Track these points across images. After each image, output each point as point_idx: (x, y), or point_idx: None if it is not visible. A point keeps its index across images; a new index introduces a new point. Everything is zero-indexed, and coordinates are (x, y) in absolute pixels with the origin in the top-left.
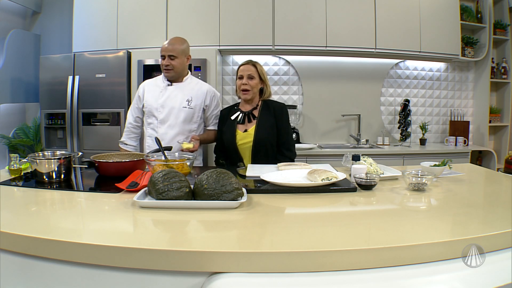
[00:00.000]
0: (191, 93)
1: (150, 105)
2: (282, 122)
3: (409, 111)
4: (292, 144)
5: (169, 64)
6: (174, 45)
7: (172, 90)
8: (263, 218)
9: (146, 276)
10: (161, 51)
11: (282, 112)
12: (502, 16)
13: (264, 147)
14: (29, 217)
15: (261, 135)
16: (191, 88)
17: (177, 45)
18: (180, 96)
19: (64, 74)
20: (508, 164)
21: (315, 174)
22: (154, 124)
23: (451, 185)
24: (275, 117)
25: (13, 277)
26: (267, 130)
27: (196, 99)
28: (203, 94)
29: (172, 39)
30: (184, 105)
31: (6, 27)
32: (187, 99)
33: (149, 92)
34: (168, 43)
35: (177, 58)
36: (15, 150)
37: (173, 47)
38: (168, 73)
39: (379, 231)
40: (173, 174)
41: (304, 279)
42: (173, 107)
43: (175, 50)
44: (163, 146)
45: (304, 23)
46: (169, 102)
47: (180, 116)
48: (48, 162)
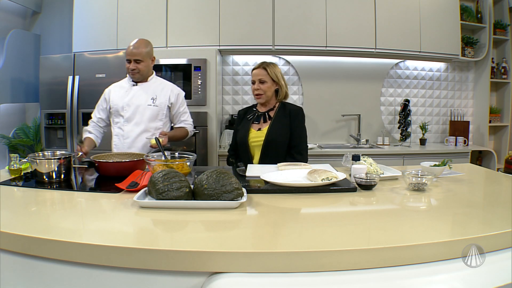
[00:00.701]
0: (156, 92)
1: (116, 105)
2: (296, 125)
3: (409, 111)
4: (303, 149)
5: (135, 68)
6: (139, 49)
7: (137, 89)
8: (263, 218)
9: (146, 276)
10: (127, 55)
11: (297, 115)
12: (502, 16)
13: (274, 147)
14: (29, 217)
15: (273, 134)
16: (155, 87)
17: (142, 48)
18: (145, 95)
19: (64, 74)
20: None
21: (315, 174)
22: (121, 123)
23: (451, 185)
24: (290, 119)
25: (13, 277)
26: (280, 130)
27: (160, 98)
28: (167, 92)
29: (137, 43)
30: (149, 103)
31: (6, 27)
32: (152, 98)
33: (114, 93)
34: (133, 47)
35: (142, 61)
36: (15, 150)
37: (138, 51)
38: (134, 76)
39: (379, 231)
40: (173, 174)
41: (304, 279)
42: (138, 105)
43: (140, 54)
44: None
45: (304, 23)
46: (134, 100)
47: (145, 114)
48: (48, 162)
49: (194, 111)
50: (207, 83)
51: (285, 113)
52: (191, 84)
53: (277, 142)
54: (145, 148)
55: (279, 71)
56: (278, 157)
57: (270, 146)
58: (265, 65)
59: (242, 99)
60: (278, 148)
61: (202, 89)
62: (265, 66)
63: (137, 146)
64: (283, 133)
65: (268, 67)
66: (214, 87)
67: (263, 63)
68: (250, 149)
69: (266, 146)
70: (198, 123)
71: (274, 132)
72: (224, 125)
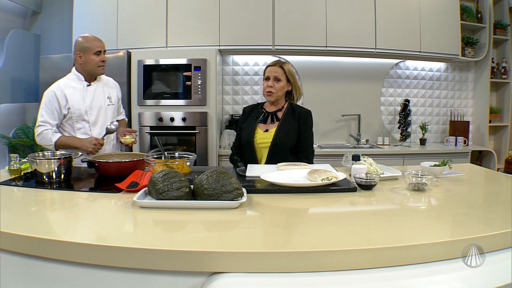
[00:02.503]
0: (108, 89)
1: (78, 110)
2: (305, 129)
3: (409, 111)
4: (310, 153)
5: (105, 60)
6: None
7: (93, 89)
8: (263, 218)
9: (146, 276)
10: (97, 47)
11: (306, 118)
12: (502, 16)
13: (282, 150)
14: (29, 217)
15: (281, 137)
16: (105, 84)
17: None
18: (102, 94)
19: (64, 74)
20: (508, 164)
21: (315, 174)
22: (86, 128)
23: (451, 185)
24: (299, 122)
25: (13, 277)
26: (288, 133)
27: (113, 95)
28: (115, 88)
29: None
30: (107, 102)
31: (6, 27)
32: (108, 96)
33: (71, 95)
34: (97, 39)
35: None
36: (15, 150)
37: (104, 42)
38: (103, 69)
39: (379, 231)
40: (173, 174)
41: (304, 279)
42: (100, 106)
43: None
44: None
45: (304, 23)
46: (96, 102)
47: (108, 114)
48: (48, 162)
49: (194, 111)
50: (207, 83)
51: (294, 115)
52: (191, 84)
53: (284, 145)
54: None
55: (295, 72)
56: (286, 159)
57: (277, 148)
58: (282, 63)
59: (242, 99)
60: (286, 151)
61: (202, 89)
62: (282, 64)
63: (111, 147)
64: (291, 136)
65: (285, 65)
66: (214, 87)
67: (280, 61)
68: (257, 150)
69: (273, 148)
70: (198, 123)
71: (282, 135)
72: (224, 125)
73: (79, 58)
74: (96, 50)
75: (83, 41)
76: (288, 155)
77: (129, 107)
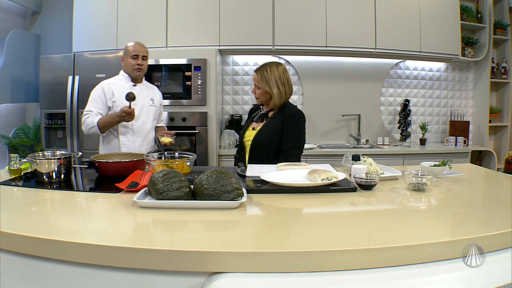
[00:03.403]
0: (152, 92)
1: (122, 104)
2: (288, 129)
3: (409, 111)
4: (292, 154)
5: (142, 64)
6: (144, 48)
7: (138, 89)
8: (263, 218)
9: (146, 276)
10: (134, 51)
11: (291, 118)
12: (502, 16)
13: (259, 149)
14: (29, 217)
15: (261, 136)
16: (149, 87)
17: (145, 48)
18: (146, 94)
19: (64, 74)
20: (508, 164)
21: (315, 174)
22: (128, 123)
23: (451, 185)
24: (283, 122)
25: (13, 277)
26: (268, 133)
27: (156, 98)
28: (157, 93)
29: (139, 42)
30: (150, 103)
31: (6, 27)
32: (151, 98)
33: (117, 91)
34: (140, 44)
35: (147, 59)
36: (15, 150)
37: (145, 48)
38: (140, 72)
39: (379, 231)
40: (173, 174)
41: (304, 279)
42: (143, 104)
43: (147, 51)
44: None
45: (304, 23)
46: (140, 100)
47: (150, 113)
48: (48, 162)
49: (194, 111)
50: (207, 83)
51: (281, 116)
52: (191, 84)
53: (262, 145)
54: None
55: (277, 75)
56: (264, 160)
57: (256, 147)
58: (260, 70)
59: (242, 99)
60: (264, 151)
61: (202, 89)
62: (260, 71)
63: (147, 144)
64: (271, 136)
65: (262, 73)
66: (214, 87)
67: (261, 67)
68: (246, 147)
69: (252, 147)
70: (198, 123)
71: (262, 134)
72: (224, 125)
73: (122, 60)
74: (133, 54)
75: (127, 45)
76: (267, 155)
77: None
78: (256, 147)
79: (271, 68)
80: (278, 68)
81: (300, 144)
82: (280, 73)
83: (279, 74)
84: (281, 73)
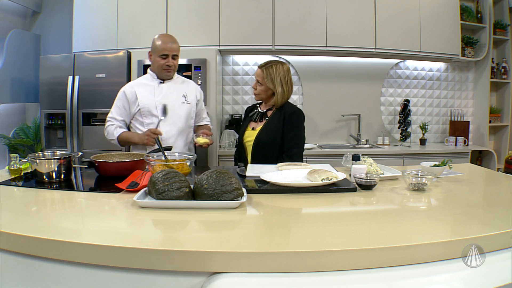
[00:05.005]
0: (184, 89)
1: (147, 105)
2: (290, 128)
3: (409, 111)
4: (295, 153)
5: (172, 64)
6: (175, 43)
7: (166, 87)
8: (263, 218)
9: (146, 276)
10: (163, 50)
11: (291, 117)
12: (502, 16)
13: (262, 149)
14: (29, 217)
15: (263, 136)
16: (181, 84)
17: (177, 44)
18: (176, 92)
19: (64, 74)
20: (508, 164)
21: (315, 174)
22: (155, 124)
23: (451, 185)
24: (284, 122)
25: (13, 277)
26: (270, 132)
27: (190, 95)
28: (193, 89)
29: (170, 37)
30: (182, 100)
31: (6, 27)
32: (183, 95)
33: (141, 93)
34: (171, 42)
35: (178, 57)
36: (15, 150)
37: (176, 46)
38: (169, 73)
39: (379, 231)
40: (173, 174)
41: (304, 279)
42: (172, 103)
43: (178, 49)
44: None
45: (304, 23)
46: (167, 98)
47: (180, 112)
48: (48, 162)
49: None
50: (207, 83)
51: (281, 114)
52: None
53: (265, 144)
54: (186, 148)
55: (282, 73)
56: (267, 160)
57: (258, 147)
58: (266, 67)
59: (242, 99)
60: (267, 150)
61: (202, 89)
62: (264, 68)
63: (178, 146)
64: (273, 136)
65: (267, 69)
66: (214, 87)
67: (266, 64)
68: (246, 148)
69: (255, 147)
70: None
71: (264, 134)
72: (224, 125)
73: (150, 57)
74: (162, 53)
75: (156, 40)
76: (270, 155)
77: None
78: (258, 147)
79: (277, 66)
80: (283, 67)
81: (302, 143)
82: (284, 72)
83: (283, 73)
84: (285, 73)
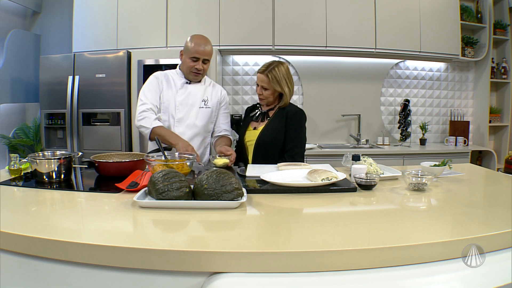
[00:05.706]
0: (208, 92)
1: (167, 101)
2: (291, 128)
3: (409, 111)
4: (297, 153)
5: (201, 68)
6: (209, 46)
7: (191, 88)
8: (263, 218)
9: (146, 276)
10: (195, 53)
11: (293, 118)
12: (502, 16)
13: (264, 149)
14: (29, 217)
15: (265, 136)
16: (207, 86)
17: (210, 47)
18: (199, 95)
19: (64, 74)
20: (508, 164)
21: (315, 174)
22: (170, 123)
23: (451, 185)
24: (286, 122)
25: (13, 277)
26: (272, 132)
27: (212, 99)
28: (217, 94)
29: (203, 39)
30: (201, 105)
31: (6, 27)
32: (203, 99)
33: (166, 86)
34: (204, 44)
35: (209, 62)
36: (15, 150)
37: (209, 49)
38: (198, 76)
39: (379, 231)
40: (173, 174)
41: (304, 279)
42: (192, 105)
43: (210, 53)
44: None
45: (304, 23)
46: (189, 100)
47: (198, 116)
48: (48, 162)
49: None
50: None
51: (283, 114)
52: None
53: (267, 144)
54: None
55: (285, 73)
56: (269, 160)
57: (260, 147)
58: (268, 71)
59: (242, 99)
60: (268, 151)
61: None
62: (268, 72)
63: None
64: (275, 136)
65: (271, 73)
66: None
67: (268, 68)
68: (247, 148)
69: (256, 147)
70: None
71: (266, 134)
72: None
73: (181, 56)
74: (193, 56)
75: (189, 40)
76: (271, 155)
77: (129, 107)
78: (260, 147)
79: (279, 67)
80: (283, 67)
81: (303, 143)
82: (286, 71)
83: (286, 72)
84: (287, 71)
